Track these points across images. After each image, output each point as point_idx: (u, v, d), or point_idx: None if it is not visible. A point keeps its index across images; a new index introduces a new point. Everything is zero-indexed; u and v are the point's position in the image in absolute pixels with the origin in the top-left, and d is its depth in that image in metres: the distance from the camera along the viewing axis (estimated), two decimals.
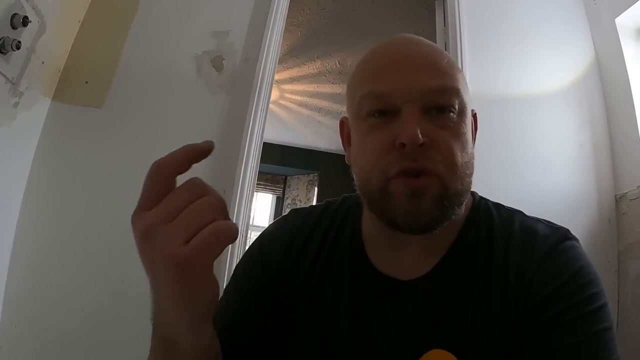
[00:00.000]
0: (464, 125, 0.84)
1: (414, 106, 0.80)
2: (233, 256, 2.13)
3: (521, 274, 0.81)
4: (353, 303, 0.91)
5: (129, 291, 2.05)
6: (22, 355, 2.03)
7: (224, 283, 2.02)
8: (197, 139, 1.85)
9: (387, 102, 0.83)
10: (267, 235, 1.09)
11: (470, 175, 0.84)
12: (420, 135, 0.77)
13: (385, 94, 0.83)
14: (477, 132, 0.96)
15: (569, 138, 2.66)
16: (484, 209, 0.94)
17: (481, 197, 0.98)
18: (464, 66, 2.58)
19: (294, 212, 1.13)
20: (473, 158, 0.86)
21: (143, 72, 2.35)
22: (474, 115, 0.94)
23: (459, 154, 0.81)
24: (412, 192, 0.79)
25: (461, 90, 0.84)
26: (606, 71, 2.80)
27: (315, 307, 0.94)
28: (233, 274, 1.08)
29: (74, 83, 2.30)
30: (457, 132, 0.82)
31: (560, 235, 0.85)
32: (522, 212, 0.94)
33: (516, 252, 0.84)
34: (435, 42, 2.77)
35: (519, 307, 0.79)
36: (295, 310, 0.96)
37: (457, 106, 0.83)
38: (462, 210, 0.87)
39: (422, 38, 0.91)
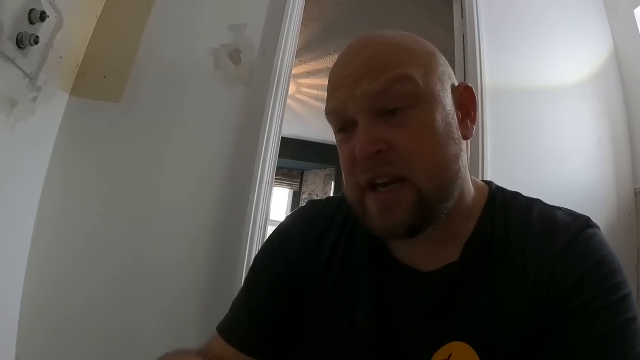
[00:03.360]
0: (428, 114, 0.81)
1: (365, 115, 0.80)
2: (251, 252, 2.12)
3: (541, 264, 0.79)
4: (373, 293, 0.91)
5: (145, 285, 2.09)
6: (39, 347, 2.06)
7: (242, 278, 2.04)
8: (215, 132, 1.89)
9: (341, 117, 0.85)
10: (285, 227, 1.09)
11: (452, 162, 0.82)
12: (372, 144, 0.78)
13: (337, 110, 0.85)
14: (497, 122, 0.94)
15: (588, 131, 2.63)
16: (500, 199, 0.92)
17: (498, 187, 0.96)
18: (482, 57, 2.56)
19: (311, 203, 1.13)
20: (456, 142, 0.84)
21: (161, 66, 2.35)
22: (465, 88, 0.91)
23: (426, 148, 0.79)
24: (382, 208, 0.80)
25: (415, 77, 0.81)
26: (625, 63, 2.77)
27: (335, 297, 0.95)
28: (252, 266, 1.09)
29: (92, 78, 2.30)
30: (419, 126, 0.80)
31: (581, 224, 0.83)
32: (541, 200, 0.92)
33: (535, 243, 0.82)
34: (453, 35, 2.76)
35: (539, 300, 0.77)
36: (315, 300, 0.96)
37: (410, 99, 0.80)
38: (453, 202, 0.84)
39: (379, 34, 0.89)
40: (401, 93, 0.80)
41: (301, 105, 6.66)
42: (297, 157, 8.18)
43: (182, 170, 2.22)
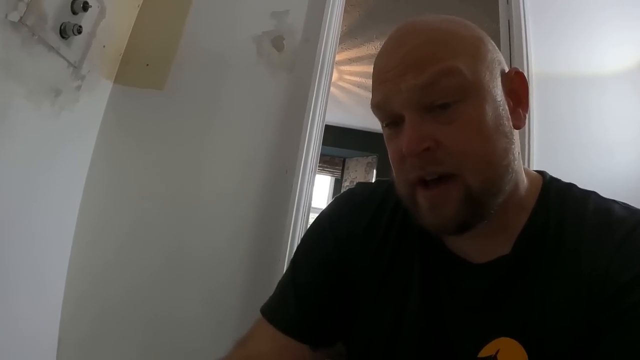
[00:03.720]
0: (477, 107, 0.77)
1: (411, 110, 0.77)
2: (294, 239, 2.11)
3: (595, 260, 0.75)
4: (424, 282, 0.89)
5: (187, 272, 2.11)
6: (82, 331, 2.12)
7: (284, 265, 2.03)
8: (258, 118, 1.88)
9: (387, 112, 0.82)
10: (335, 208, 1.07)
11: (502, 156, 0.79)
12: (419, 142, 0.75)
13: (382, 105, 0.82)
14: (543, 111, 0.90)
15: (636, 121, 2.51)
16: (554, 190, 0.88)
17: (552, 178, 0.92)
18: (528, 44, 2.47)
19: (361, 185, 1.11)
20: (507, 135, 0.80)
21: (203, 53, 2.36)
22: (516, 74, 0.87)
23: (474, 144, 0.76)
24: (432, 204, 0.78)
25: (463, 69, 0.77)
26: None
27: (387, 283, 0.93)
28: (300, 246, 1.07)
29: (135, 66, 2.34)
30: (468, 121, 0.76)
31: (638, 218, 0.78)
32: (596, 192, 0.87)
33: (590, 237, 0.78)
34: (498, 20, 2.67)
35: (593, 296, 0.73)
36: (365, 285, 0.95)
37: (458, 93, 0.76)
38: (504, 196, 0.81)
39: (422, 21, 0.85)
40: (448, 87, 0.76)
41: (343, 92, 6.63)
42: (339, 144, 8.16)
43: (225, 157, 2.22)
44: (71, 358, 2.12)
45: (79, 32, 1.88)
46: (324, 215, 1.07)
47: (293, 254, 1.07)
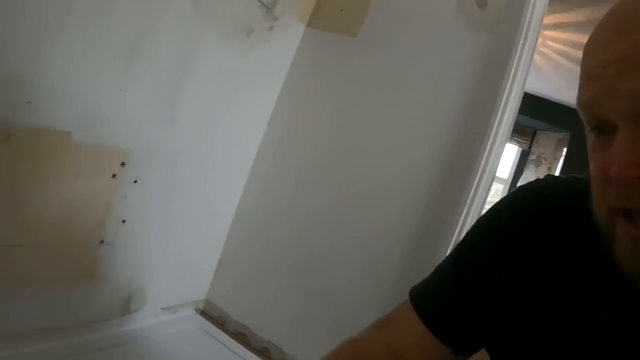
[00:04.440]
0: None
1: (629, 123, 0.58)
2: (469, 213, 1.97)
3: None
4: (590, 313, 0.73)
5: (347, 228, 2.13)
6: (245, 259, 2.29)
7: (452, 241, 1.88)
8: (451, 78, 1.70)
9: (595, 116, 0.63)
10: (518, 198, 0.92)
11: None
12: (633, 168, 0.56)
13: (590, 106, 0.63)
14: None
15: None
16: None
17: None
18: None
19: (553, 180, 0.92)
20: None
21: (401, 2, 2.25)
22: None
23: None
24: (635, 244, 0.60)
25: None
26: None
27: (550, 301, 0.78)
28: (470, 233, 0.94)
29: (329, 11, 2.34)
30: None
31: None
32: None
33: None
34: None
35: None
36: (528, 291, 0.80)
37: None
38: None
39: None
40: None
41: (544, 59, 6.23)
42: (530, 114, 7.74)
43: (410, 116, 2.12)
44: (226, 282, 2.31)
45: None
46: (504, 203, 0.92)
47: (461, 239, 0.95)
